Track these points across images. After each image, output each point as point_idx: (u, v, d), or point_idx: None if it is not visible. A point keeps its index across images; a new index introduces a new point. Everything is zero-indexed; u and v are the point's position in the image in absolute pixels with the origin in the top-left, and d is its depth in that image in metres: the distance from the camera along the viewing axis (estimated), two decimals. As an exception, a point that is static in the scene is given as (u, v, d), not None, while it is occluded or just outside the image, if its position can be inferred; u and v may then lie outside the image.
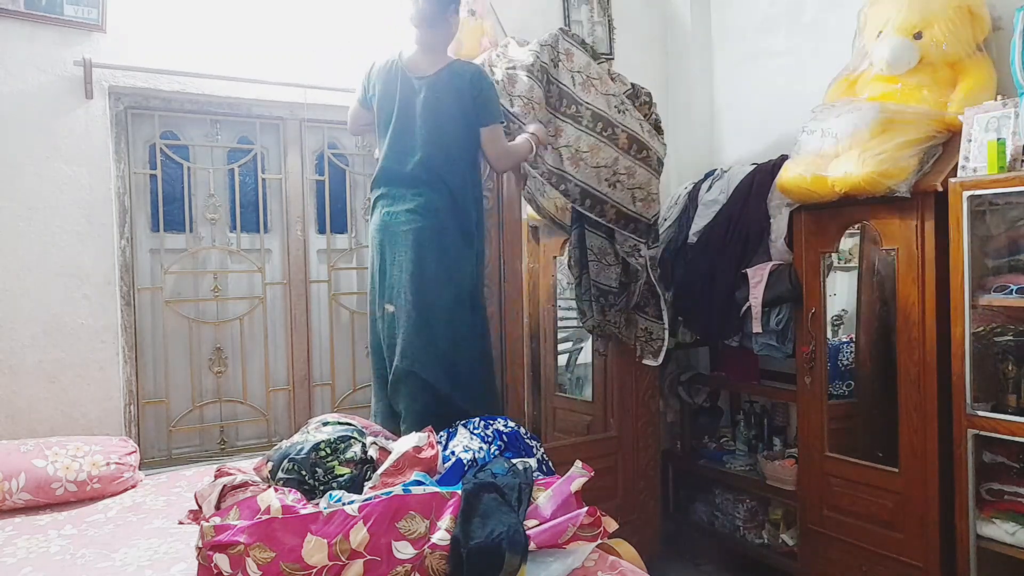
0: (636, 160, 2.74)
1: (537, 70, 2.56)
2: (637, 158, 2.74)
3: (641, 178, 2.76)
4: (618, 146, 2.69)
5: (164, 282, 2.80)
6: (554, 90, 2.62)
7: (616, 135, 2.69)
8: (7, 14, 2.44)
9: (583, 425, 3.26)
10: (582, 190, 2.65)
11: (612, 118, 2.68)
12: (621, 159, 2.70)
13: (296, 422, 2.95)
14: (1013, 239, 2.29)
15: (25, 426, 2.50)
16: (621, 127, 2.70)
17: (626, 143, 2.71)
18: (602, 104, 2.68)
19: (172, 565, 1.76)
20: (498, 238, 2.61)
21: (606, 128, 2.67)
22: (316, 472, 1.89)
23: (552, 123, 2.62)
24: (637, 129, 2.75)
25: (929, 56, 2.56)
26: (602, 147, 2.66)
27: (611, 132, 2.68)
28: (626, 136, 2.71)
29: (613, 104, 2.71)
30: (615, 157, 2.69)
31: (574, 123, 2.63)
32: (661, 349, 2.97)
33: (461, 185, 2.38)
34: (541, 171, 2.61)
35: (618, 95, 2.74)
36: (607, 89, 2.71)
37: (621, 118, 2.71)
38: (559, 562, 1.63)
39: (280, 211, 3.02)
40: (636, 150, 2.74)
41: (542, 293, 3.37)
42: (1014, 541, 2.18)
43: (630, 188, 2.74)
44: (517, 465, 1.88)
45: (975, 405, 2.24)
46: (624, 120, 2.71)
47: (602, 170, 2.67)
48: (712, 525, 3.30)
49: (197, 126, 2.89)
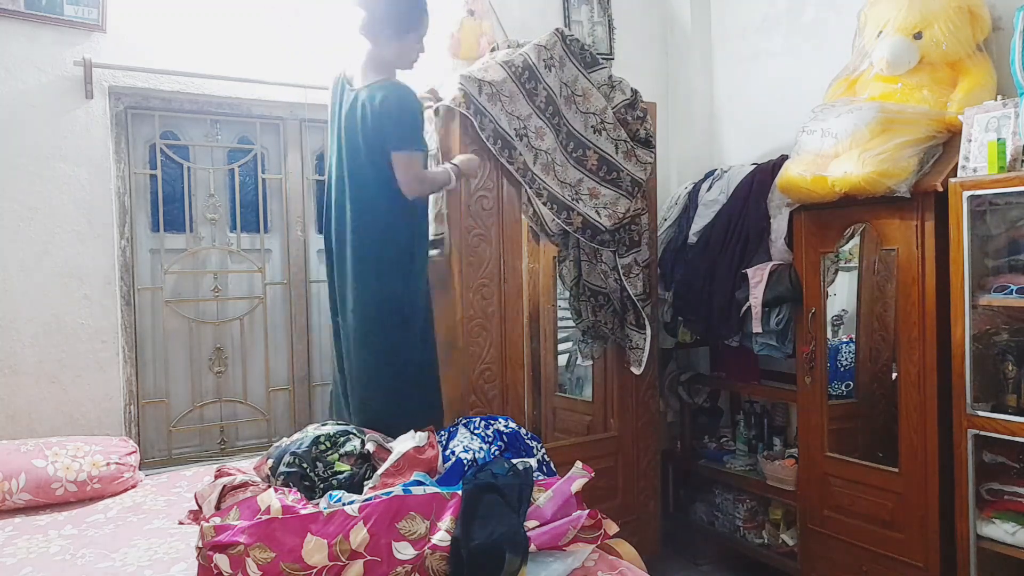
0: (603, 182, 2.75)
1: (522, 67, 2.56)
2: (605, 180, 2.75)
3: (607, 197, 2.76)
4: (586, 168, 2.71)
5: (164, 282, 2.81)
6: (542, 91, 2.61)
7: (586, 156, 2.71)
8: (7, 14, 2.44)
9: (583, 425, 3.26)
10: (551, 194, 2.64)
11: (586, 139, 2.70)
12: (586, 180, 2.72)
13: (296, 422, 2.96)
14: (1013, 239, 2.29)
15: (25, 426, 2.50)
16: (593, 148, 2.71)
17: (595, 165, 2.73)
18: (579, 123, 2.70)
19: (172, 565, 1.76)
20: (498, 238, 2.61)
21: (577, 148, 2.69)
22: (317, 466, 1.91)
23: (532, 119, 2.59)
24: (610, 151, 2.75)
25: (929, 56, 2.56)
26: (569, 167, 2.68)
27: (581, 153, 2.70)
28: (597, 158, 2.72)
29: (590, 124, 2.73)
30: (580, 178, 2.70)
31: (552, 132, 2.63)
32: (642, 360, 2.95)
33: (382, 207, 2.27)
34: (516, 167, 2.56)
35: (599, 112, 2.74)
36: (588, 107, 2.73)
37: (595, 139, 2.73)
38: (559, 562, 1.63)
39: (280, 211, 3.02)
40: (605, 172, 2.75)
41: (542, 293, 3.37)
42: (1014, 541, 2.18)
43: (593, 205, 2.74)
44: (517, 465, 1.88)
45: (975, 405, 2.23)
46: (598, 141, 2.73)
47: (566, 187, 2.68)
48: (712, 525, 3.30)
49: (197, 126, 2.89)
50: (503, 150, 2.53)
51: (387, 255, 2.28)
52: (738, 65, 3.55)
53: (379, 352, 2.29)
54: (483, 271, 2.57)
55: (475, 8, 2.98)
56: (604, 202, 2.75)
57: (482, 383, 2.57)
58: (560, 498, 1.73)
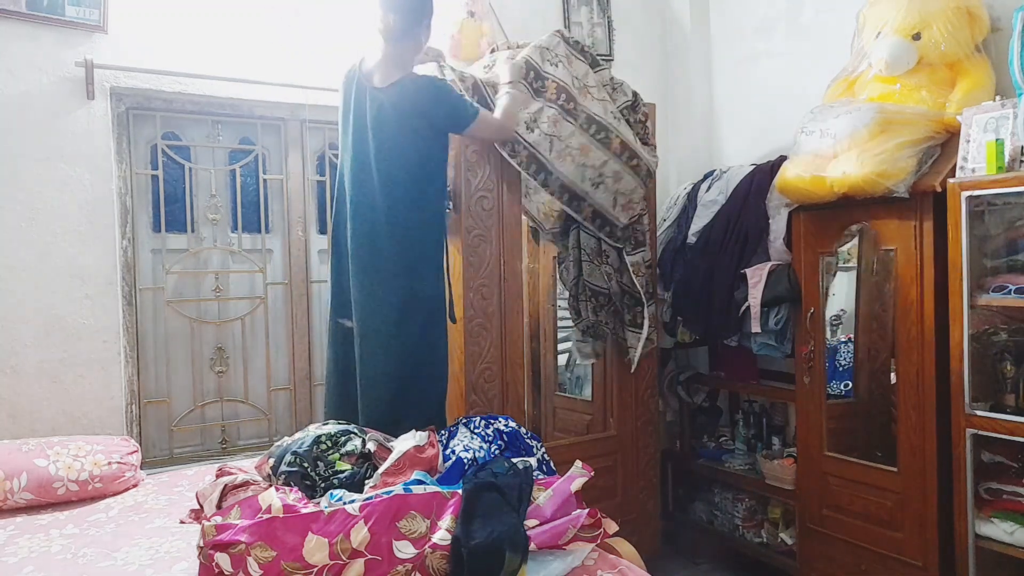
0: (627, 166, 2.75)
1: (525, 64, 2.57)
2: (628, 164, 2.75)
3: (627, 184, 2.77)
4: (610, 150, 2.69)
5: (166, 282, 2.81)
6: (550, 84, 2.59)
7: (610, 139, 2.69)
8: (8, 15, 2.45)
9: (583, 424, 3.27)
10: (562, 184, 2.64)
11: (607, 123, 2.69)
12: (611, 162, 2.70)
13: (297, 421, 2.97)
14: (1011, 239, 2.29)
15: (27, 426, 2.51)
16: (615, 132, 2.70)
17: (619, 148, 2.72)
18: (598, 109, 2.69)
19: (174, 564, 1.77)
20: (498, 238, 2.62)
21: (600, 131, 2.67)
22: (318, 465, 1.91)
23: (544, 111, 2.57)
24: (631, 138, 2.76)
25: (928, 57, 2.57)
26: (593, 148, 2.66)
27: (604, 136, 2.68)
28: (620, 142, 2.71)
29: (610, 110, 2.73)
30: (604, 160, 2.68)
31: (570, 118, 2.61)
32: (633, 359, 2.96)
33: (403, 208, 2.29)
34: (519, 159, 2.55)
35: (615, 107, 2.76)
36: (603, 96, 2.73)
37: (616, 124, 2.72)
38: (559, 561, 1.63)
39: (281, 211, 3.03)
40: (628, 157, 2.75)
41: (542, 293, 3.38)
42: (1013, 540, 2.18)
43: (614, 192, 2.75)
44: (517, 465, 1.89)
45: (974, 405, 2.24)
46: (619, 127, 2.72)
47: (588, 169, 2.66)
48: (711, 524, 3.30)
49: (198, 127, 2.90)
50: (504, 144, 2.54)
51: (420, 253, 2.31)
52: (737, 66, 3.55)
53: (404, 351, 2.30)
54: (483, 271, 2.58)
55: (475, 9, 2.99)
56: (623, 189, 2.76)
57: (482, 383, 2.58)
58: (560, 497, 1.74)
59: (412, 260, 2.30)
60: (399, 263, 2.29)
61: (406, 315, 2.29)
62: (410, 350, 2.30)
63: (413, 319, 2.30)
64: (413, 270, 2.30)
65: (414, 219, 2.30)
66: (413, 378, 2.32)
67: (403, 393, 2.31)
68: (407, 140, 2.28)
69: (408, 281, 2.29)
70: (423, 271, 2.32)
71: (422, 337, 2.32)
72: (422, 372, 2.33)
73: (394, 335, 2.29)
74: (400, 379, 2.30)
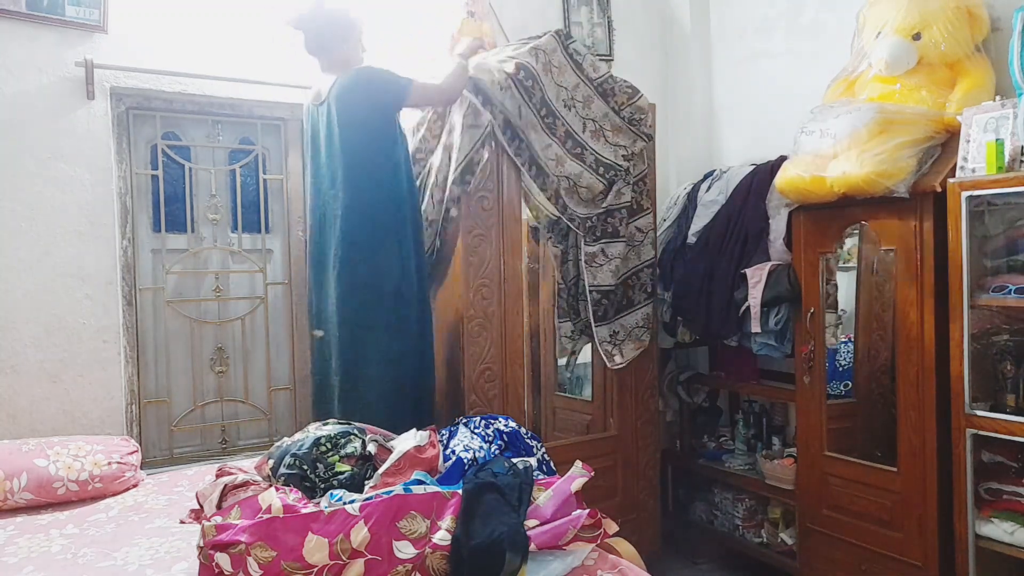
0: (597, 176, 2.81)
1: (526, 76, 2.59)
2: (596, 174, 2.80)
3: (588, 182, 2.79)
4: (584, 163, 2.78)
5: (166, 282, 2.81)
6: (536, 94, 2.62)
7: (583, 155, 2.76)
8: (8, 15, 2.45)
9: (583, 425, 3.27)
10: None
11: (582, 140, 2.76)
12: (585, 174, 2.77)
13: (297, 421, 2.97)
14: (1011, 239, 2.29)
15: (27, 426, 2.51)
16: (589, 150, 2.77)
17: (593, 165, 2.79)
18: (576, 126, 2.75)
19: (174, 564, 1.77)
20: (498, 238, 2.62)
21: (575, 147, 2.74)
22: (317, 468, 1.91)
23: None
24: (609, 156, 2.82)
25: (928, 57, 2.57)
26: (567, 160, 2.72)
27: (579, 152, 2.75)
28: (593, 159, 2.78)
29: (589, 128, 2.79)
30: (579, 172, 2.75)
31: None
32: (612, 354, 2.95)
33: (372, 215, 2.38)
34: (523, 159, 2.62)
35: (597, 119, 2.80)
36: (588, 113, 2.78)
37: (593, 142, 2.80)
38: (559, 561, 1.63)
39: (281, 211, 3.03)
40: (604, 171, 2.81)
41: (542, 293, 3.38)
42: (1013, 540, 2.18)
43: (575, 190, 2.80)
44: (517, 465, 1.89)
45: (973, 405, 2.24)
46: (595, 145, 2.80)
47: (563, 181, 2.72)
48: (711, 524, 3.30)
49: (198, 127, 2.90)
50: (513, 140, 2.59)
51: (382, 238, 2.37)
52: (737, 66, 3.55)
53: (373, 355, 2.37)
54: (483, 271, 2.58)
55: (475, 9, 2.98)
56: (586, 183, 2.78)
57: (482, 383, 2.58)
58: (560, 497, 1.74)
59: (376, 244, 2.37)
60: (363, 250, 2.36)
61: (373, 319, 2.37)
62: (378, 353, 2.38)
63: (380, 322, 2.38)
64: (376, 255, 2.36)
65: (375, 199, 2.38)
66: (395, 378, 2.39)
67: (392, 394, 2.37)
68: (357, 130, 2.38)
69: (372, 272, 2.36)
70: (386, 259, 2.38)
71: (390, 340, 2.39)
72: (405, 371, 2.40)
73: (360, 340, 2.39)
74: (385, 380, 2.37)
